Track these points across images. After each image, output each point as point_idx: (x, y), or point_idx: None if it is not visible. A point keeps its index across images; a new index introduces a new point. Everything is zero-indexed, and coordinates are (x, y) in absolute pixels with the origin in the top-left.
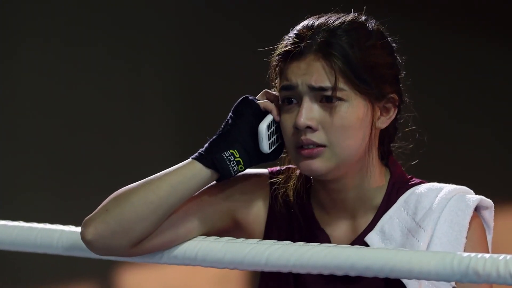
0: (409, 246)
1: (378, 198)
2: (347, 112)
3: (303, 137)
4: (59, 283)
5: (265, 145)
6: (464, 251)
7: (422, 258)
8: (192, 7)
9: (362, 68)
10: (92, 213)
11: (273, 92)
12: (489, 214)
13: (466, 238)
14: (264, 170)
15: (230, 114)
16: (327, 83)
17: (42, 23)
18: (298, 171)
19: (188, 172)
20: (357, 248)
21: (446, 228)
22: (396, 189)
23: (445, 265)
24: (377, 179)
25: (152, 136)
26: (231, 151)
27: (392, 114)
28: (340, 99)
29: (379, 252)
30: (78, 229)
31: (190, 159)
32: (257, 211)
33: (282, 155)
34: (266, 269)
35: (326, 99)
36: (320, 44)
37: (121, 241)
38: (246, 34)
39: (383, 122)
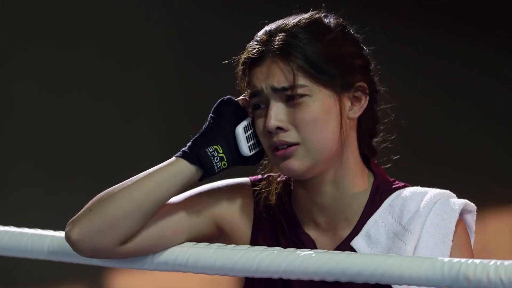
0: (396, 250)
1: (362, 202)
2: (313, 106)
3: (275, 139)
4: (51, 285)
5: (244, 148)
6: (451, 254)
7: (413, 263)
8: (183, 8)
9: (322, 61)
10: (76, 215)
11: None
12: (471, 218)
13: (452, 241)
14: (246, 179)
15: (211, 114)
16: (287, 83)
17: (33, 26)
18: (278, 177)
19: (173, 169)
20: (348, 254)
21: (433, 231)
22: (380, 193)
23: (436, 271)
24: (360, 182)
25: (144, 139)
26: (215, 146)
27: (364, 102)
28: (303, 95)
29: (369, 258)
30: None
31: (174, 157)
32: (242, 219)
33: (263, 161)
34: (257, 275)
35: (290, 98)
36: (278, 45)
37: (106, 239)
38: (238, 34)
39: (355, 112)
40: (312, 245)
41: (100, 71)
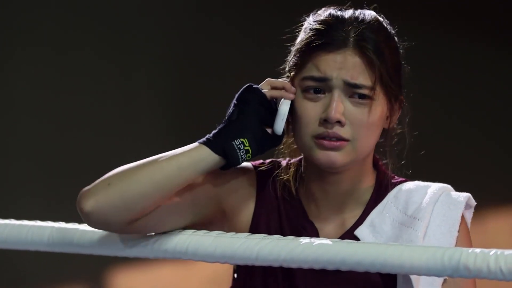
0: (406, 237)
1: (367, 195)
2: (374, 111)
3: (330, 130)
4: (51, 285)
5: (280, 127)
6: (456, 244)
7: (413, 253)
8: (182, 8)
9: (392, 68)
10: (91, 185)
11: (279, 80)
12: (469, 214)
13: (458, 231)
14: (248, 164)
15: (234, 102)
16: (363, 81)
17: (33, 26)
18: (285, 163)
19: (197, 155)
20: (348, 243)
21: (439, 221)
22: (384, 187)
23: (436, 260)
24: (369, 178)
25: (144, 138)
26: (242, 139)
27: (398, 115)
28: (370, 97)
29: (370, 247)
30: (69, 225)
31: (197, 143)
32: (244, 203)
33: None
34: (257, 263)
35: (358, 95)
36: (358, 39)
37: (120, 216)
38: (237, 34)
39: (391, 122)
40: (315, 234)
41: (100, 71)
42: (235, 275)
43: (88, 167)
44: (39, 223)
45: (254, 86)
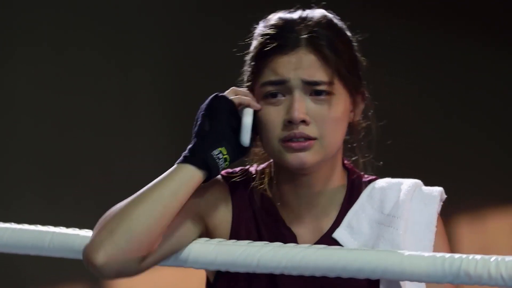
0: (387, 236)
1: (341, 196)
2: (337, 105)
3: (296, 131)
4: (51, 285)
5: (247, 139)
6: (435, 238)
7: (414, 260)
8: (183, 7)
9: (348, 62)
10: (93, 238)
11: (242, 89)
12: (439, 208)
13: (436, 226)
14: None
15: (203, 112)
16: (320, 77)
17: (33, 26)
18: (253, 169)
19: (185, 176)
20: (348, 250)
21: (417, 218)
22: (356, 186)
23: (437, 267)
24: (340, 177)
25: (144, 138)
26: (220, 149)
27: (362, 107)
28: (330, 93)
29: (370, 254)
30: (70, 231)
31: (178, 164)
32: (222, 214)
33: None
34: (258, 271)
35: (317, 92)
36: (310, 37)
37: (132, 258)
38: (237, 34)
39: (355, 115)
40: (293, 239)
41: (100, 71)
42: (211, 280)
43: (88, 166)
44: (39, 227)
45: (221, 94)
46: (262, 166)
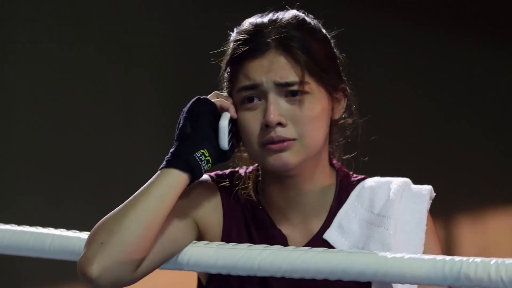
0: (377, 236)
1: (330, 196)
2: (313, 104)
3: (273, 134)
4: (52, 285)
5: (225, 142)
6: (425, 238)
7: (414, 263)
8: (183, 7)
9: (323, 60)
10: (86, 251)
11: (223, 94)
12: (428, 206)
13: (426, 225)
14: (205, 176)
15: (185, 115)
16: (292, 78)
17: (33, 24)
18: (243, 171)
19: (170, 180)
20: (349, 253)
21: (408, 217)
22: (345, 186)
23: (437, 270)
24: (327, 177)
25: (145, 138)
26: (202, 150)
27: (344, 104)
28: (305, 92)
29: (370, 257)
30: (70, 233)
31: (161, 169)
32: (213, 216)
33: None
34: (259, 274)
35: (292, 93)
36: (279, 39)
37: (126, 268)
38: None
39: (337, 112)
40: (284, 241)
41: (100, 70)
42: (204, 282)
43: (89, 166)
44: (40, 229)
45: (203, 97)
46: (251, 168)
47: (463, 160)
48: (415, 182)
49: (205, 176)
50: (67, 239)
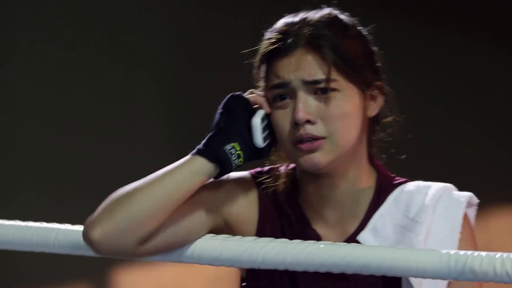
0: (407, 242)
1: (368, 198)
2: (342, 101)
3: (302, 132)
4: (54, 284)
5: (259, 139)
6: (459, 246)
7: (419, 256)
8: (184, 7)
9: (352, 57)
10: (94, 215)
11: (259, 93)
12: (472, 212)
13: (460, 233)
14: (246, 173)
15: (221, 110)
16: (320, 76)
17: (35, 24)
18: (283, 169)
19: (193, 167)
20: (354, 246)
21: (442, 223)
22: (384, 188)
23: (442, 264)
24: (366, 178)
25: (146, 137)
26: (232, 144)
27: (380, 101)
28: (334, 89)
29: (376, 251)
30: (75, 227)
31: (191, 155)
32: (247, 213)
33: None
34: (263, 267)
35: (321, 91)
36: (308, 37)
37: (128, 240)
38: (239, 34)
39: (373, 109)
40: (318, 240)
41: (101, 70)
42: (243, 284)
43: (90, 165)
44: (44, 224)
45: (238, 93)
46: (291, 165)
47: (463, 160)
48: (414, 180)
49: (245, 173)
50: (72, 233)
